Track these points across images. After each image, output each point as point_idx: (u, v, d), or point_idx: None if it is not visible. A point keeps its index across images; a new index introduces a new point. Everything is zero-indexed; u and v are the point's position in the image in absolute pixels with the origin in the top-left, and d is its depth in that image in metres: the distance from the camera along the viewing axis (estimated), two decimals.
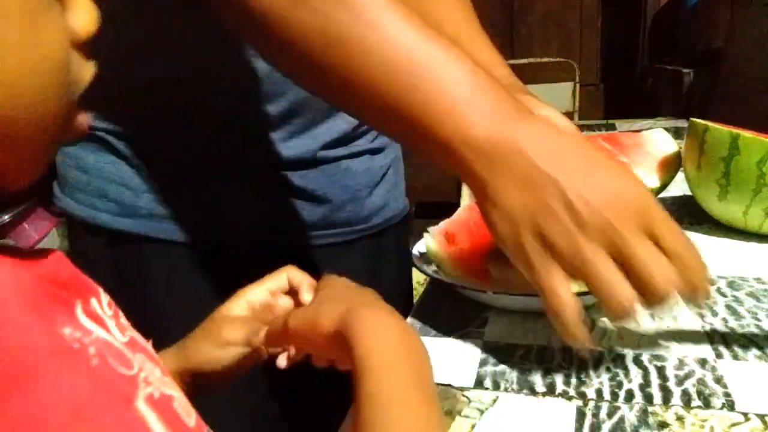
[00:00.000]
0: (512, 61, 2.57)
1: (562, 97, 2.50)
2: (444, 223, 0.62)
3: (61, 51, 0.24)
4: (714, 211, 0.70)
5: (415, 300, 0.78)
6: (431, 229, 0.60)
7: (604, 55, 2.76)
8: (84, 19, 0.25)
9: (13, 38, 0.21)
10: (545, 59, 2.50)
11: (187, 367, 0.41)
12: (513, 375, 0.44)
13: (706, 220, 0.72)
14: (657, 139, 0.79)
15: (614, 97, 2.73)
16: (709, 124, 0.67)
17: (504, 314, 0.52)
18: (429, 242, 0.58)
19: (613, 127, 1.48)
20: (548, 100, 2.19)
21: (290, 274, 0.43)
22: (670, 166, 0.76)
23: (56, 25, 0.23)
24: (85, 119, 0.28)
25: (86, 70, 0.26)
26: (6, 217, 2.05)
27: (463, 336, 0.50)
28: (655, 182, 0.74)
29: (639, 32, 2.74)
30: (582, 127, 1.44)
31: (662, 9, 2.65)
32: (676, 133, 1.20)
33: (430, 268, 0.57)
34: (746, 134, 0.64)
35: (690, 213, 0.76)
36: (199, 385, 0.40)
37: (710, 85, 2.01)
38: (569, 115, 2.49)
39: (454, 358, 0.46)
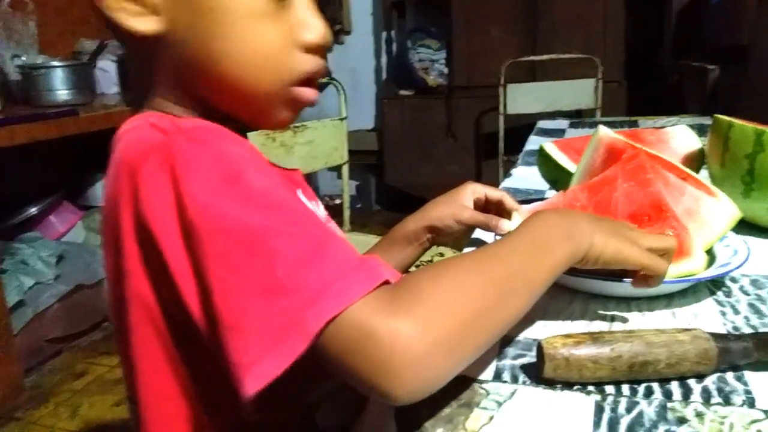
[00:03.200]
0: (534, 57, 2.55)
1: (584, 93, 2.47)
2: (534, 205, 0.62)
3: (280, 48, 0.45)
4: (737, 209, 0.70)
5: None
6: (523, 207, 0.61)
7: (627, 51, 2.73)
8: (311, 35, 0.46)
9: (250, 37, 0.44)
10: (568, 55, 2.48)
11: (423, 224, 0.65)
12: (532, 368, 0.44)
13: None
14: (680, 136, 0.78)
15: (638, 94, 2.70)
16: (734, 120, 0.67)
17: None
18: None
19: (635, 124, 1.46)
20: (570, 96, 2.21)
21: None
22: (693, 162, 0.75)
23: (279, 34, 0.45)
24: (311, 94, 0.47)
25: (306, 61, 0.46)
26: (33, 210, 2.10)
27: None
28: None
29: (663, 28, 2.70)
30: (604, 124, 1.42)
31: (687, 5, 2.60)
32: (700, 130, 1.18)
33: None
34: None
35: None
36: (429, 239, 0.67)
37: (736, 82, 1.97)
38: (591, 111, 2.46)
39: None
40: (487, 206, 0.65)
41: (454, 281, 0.38)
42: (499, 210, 0.64)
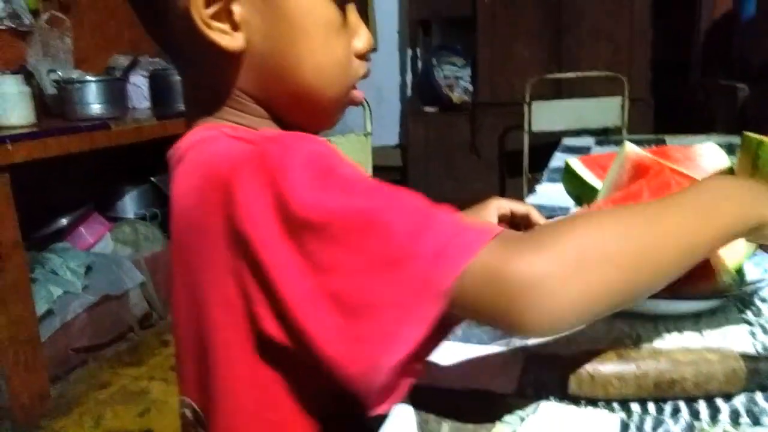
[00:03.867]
0: (559, 75, 2.55)
1: (610, 111, 2.46)
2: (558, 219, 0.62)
3: (346, 56, 0.48)
4: None
5: None
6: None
7: (654, 68, 2.71)
8: (361, 44, 0.49)
9: (326, 47, 0.46)
10: (593, 73, 2.47)
11: None
12: (556, 384, 0.44)
13: None
14: (708, 153, 0.77)
15: (665, 112, 2.67)
16: (764, 138, 0.66)
17: None
18: None
19: (662, 142, 1.44)
20: (596, 114, 2.19)
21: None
22: None
23: (345, 43, 0.48)
24: (360, 95, 0.52)
25: (360, 66, 0.51)
26: (64, 221, 2.15)
27: (507, 344, 0.50)
28: None
29: (691, 45, 2.67)
30: (631, 142, 1.41)
31: (716, 22, 2.58)
32: (729, 148, 1.17)
33: None
34: None
35: None
36: None
37: (766, 101, 1.94)
38: (618, 130, 2.44)
39: (497, 366, 0.46)
40: (513, 221, 0.65)
41: (593, 227, 0.38)
42: (527, 225, 0.64)
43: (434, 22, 3.24)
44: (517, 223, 0.65)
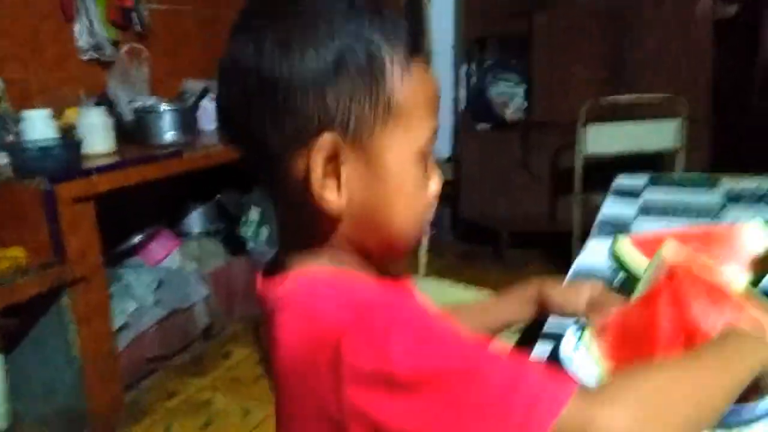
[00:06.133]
0: (614, 98, 2.53)
1: (669, 133, 2.43)
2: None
3: (428, 199, 0.56)
4: None
5: None
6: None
7: (715, 91, 2.66)
8: (435, 186, 0.56)
9: (415, 201, 0.54)
10: (653, 95, 2.45)
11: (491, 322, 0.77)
12: None
13: None
14: (750, 233, 0.81)
15: (725, 136, 2.62)
16: None
17: None
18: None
19: (716, 184, 1.45)
20: (653, 137, 2.21)
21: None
22: (764, 263, 0.77)
23: (427, 191, 0.55)
24: (426, 229, 0.61)
25: (433, 205, 0.57)
26: (137, 238, 2.31)
27: None
28: (745, 279, 0.76)
29: (755, 67, 2.61)
30: (682, 181, 1.42)
31: None
32: None
33: None
34: None
35: None
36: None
37: None
38: (672, 157, 2.41)
39: None
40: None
41: (663, 377, 0.47)
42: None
43: (490, 39, 3.26)
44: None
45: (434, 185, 0.56)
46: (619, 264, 0.82)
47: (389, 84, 0.50)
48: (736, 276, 0.76)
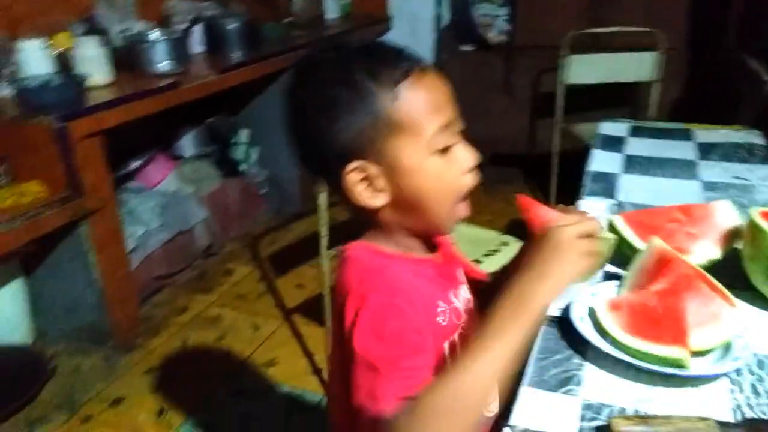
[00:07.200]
0: (596, 30, 2.61)
1: (647, 65, 2.54)
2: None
3: (457, 181, 0.69)
4: (760, 288, 0.89)
5: None
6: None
7: (691, 29, 2.74)
8: (466, 164, 0.69)
9: (443, 184, 0.69)
10: (629, 28, 2.53)
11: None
12: None
13: (752, 287, 0.90)
14: (722, 212, 0.98)
15: (697, 71, 2.74)
16: (762, 225, 0.84)
17: (600, 377, 0.75)
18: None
19: (687, 134, 1.60)
20: (631, 68, 2.40)
21: None
22: (731, 239, 0.95)
23: (456, 174, 0.69)
24: (466, 210, 0.73)
25: (469, 179, 0.70)
26: (136, 163, 2.37)
27: (567, 392, 0.73)
28: (717, 254, 0.93)
29: (730, 9, 2.69)
30: (657, 130, 1.54)
31: None
32: (749, 151, 1.34)
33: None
34: None
35: (738, 277, 0.89)
36: None
37: None
38: (652, 84, 2.54)
39: (555, 410, 0.70)
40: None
41: (447, 382, 0.57)
42: None
43: None
44: None
45: (469, 162, 0.69)
46: (616, 235, 0.98)
47: (380, 106, 0.65)
48: (709, 250, 0.93)
